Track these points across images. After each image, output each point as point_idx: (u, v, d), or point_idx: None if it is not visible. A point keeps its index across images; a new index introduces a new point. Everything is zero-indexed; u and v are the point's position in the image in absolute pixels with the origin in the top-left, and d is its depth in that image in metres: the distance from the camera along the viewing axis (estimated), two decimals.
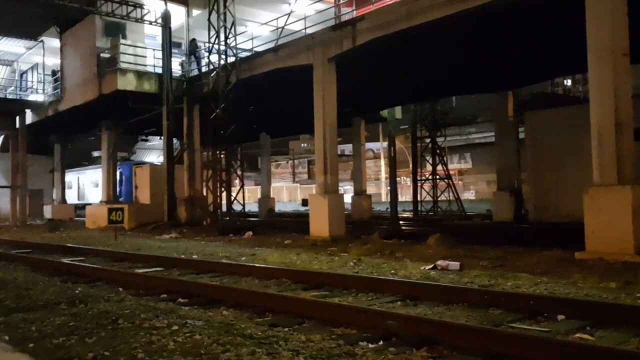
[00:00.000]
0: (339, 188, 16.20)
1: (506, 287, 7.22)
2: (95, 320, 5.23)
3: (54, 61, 27.70)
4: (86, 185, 35.39)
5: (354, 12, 17.25)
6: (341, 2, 20.35)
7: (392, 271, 8.82)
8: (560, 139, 17.51)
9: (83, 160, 35.97)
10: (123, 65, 21.11)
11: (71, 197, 34.41)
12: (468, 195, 40.00)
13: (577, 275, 7.60)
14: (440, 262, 9.01)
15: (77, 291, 7.08)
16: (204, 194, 21.38)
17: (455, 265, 8.85)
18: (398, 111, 25.16)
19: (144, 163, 29.04)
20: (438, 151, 26.07)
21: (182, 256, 11.83)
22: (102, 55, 22.16)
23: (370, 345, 4.75)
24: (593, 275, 7.56)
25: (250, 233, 16.62)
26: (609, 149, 9.43)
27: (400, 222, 21.52)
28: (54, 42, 27.04)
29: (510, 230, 17.23)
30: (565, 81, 43.86)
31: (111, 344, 4.43)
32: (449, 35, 14.11)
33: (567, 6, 11.25)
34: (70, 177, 34.61)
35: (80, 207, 31.29)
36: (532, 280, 7.59)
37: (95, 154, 32.86)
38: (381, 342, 4.84)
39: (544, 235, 14.11)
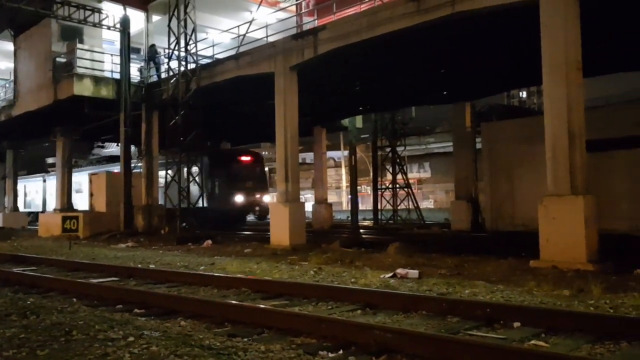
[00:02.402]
0: (300, 196, 16.20)
1: (463, 295, 7.33)
2: (47, 332, 5.08)
3: (7, 65, 26.93)
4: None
5: (316, 21, 17.35)
6: (303, 11, 20.47)
7: (352, 280, 8.84)
8: (515, 149, 17.96)
9: (37, 167, 34.97)
10: (80, 70, 20.65)
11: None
12: (427, 204, 40.47)
13: (532, 283, 7.77)
14: (399, 271, 9.08)
15: (28, 302, 6.86)
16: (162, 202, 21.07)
17: (414, 273, 8.94)
18: (359, 120, 25.35)
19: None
20: (398, 160, 26.39)
21: (139, 265, 11.59)
22: (58, 59, 21.62)
23: (330, 355, 4.75)
24: (547, 283, 7.74)
25: (210, 242, 16.43)
26: (563, 160, 9.73)
27: (361, 230, 21.74)
28: (8, 46, 26.29)
29: (468, 239, 17.54)
30: (520, 93, 45.20)
31: (64, 356, 4.31)
32: (408, 47, 14.36)
33: (523, 21, 11.56)
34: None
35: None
36: (488, 288, 7.72)
37: (50, 160, 32.02)
38: (341, 351, 4.84)
39: (499, 243, 14.39)
